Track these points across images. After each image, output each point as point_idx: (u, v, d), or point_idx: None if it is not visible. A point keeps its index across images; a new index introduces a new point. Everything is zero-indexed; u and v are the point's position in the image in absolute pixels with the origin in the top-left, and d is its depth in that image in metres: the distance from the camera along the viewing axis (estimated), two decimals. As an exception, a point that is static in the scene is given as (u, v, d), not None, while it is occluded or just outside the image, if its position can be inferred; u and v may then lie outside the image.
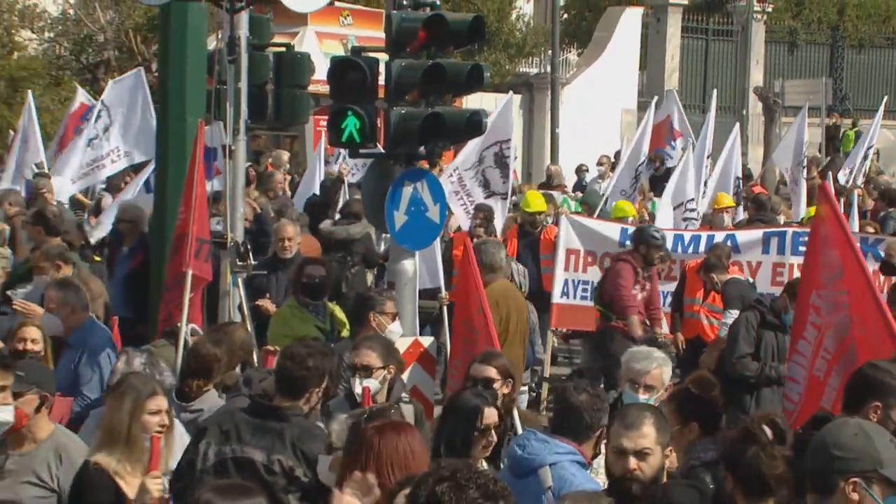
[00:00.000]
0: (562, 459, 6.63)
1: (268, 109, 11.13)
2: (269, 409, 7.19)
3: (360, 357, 8.21)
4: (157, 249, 11.84)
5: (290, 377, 7.28)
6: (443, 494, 4.61)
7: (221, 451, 7.03)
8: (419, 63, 10.90)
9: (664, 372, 8.25)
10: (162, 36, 12.23)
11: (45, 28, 37.21)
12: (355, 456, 5.69)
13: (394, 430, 5.69)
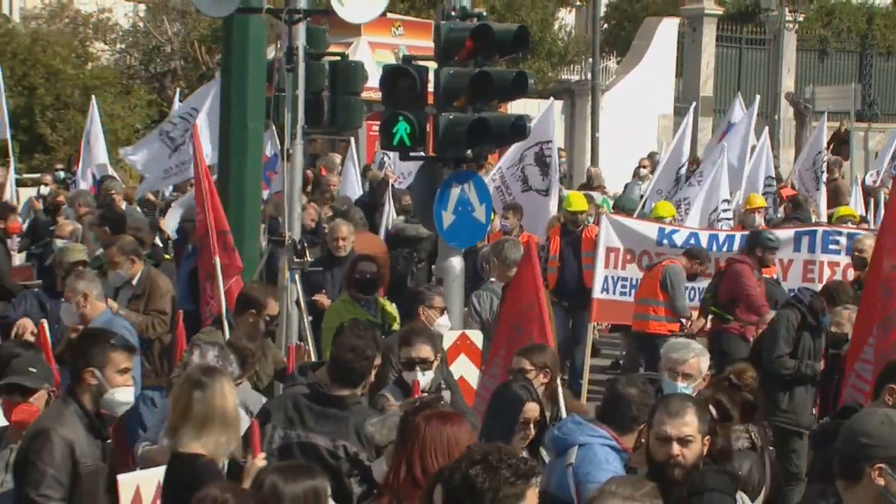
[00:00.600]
0: (593, 442, 6.64)
1: (323, 115, 11.13)
2: (329, 398, 7.20)
3: (418, 351, 8.22)
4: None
5: (349, 368, 7.29)
6: (476, 477, 4.63)
7: (287, 436, 7.05)
8: (466, 71, 10.90)
9: (701, 361, 8.22)
10: (225, 46, 12.27)
11: (116, 40, 37.44)
12: (403, 442, 5.70)
13: (441, 419, 5.70)
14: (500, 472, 4.62)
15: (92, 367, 6.48)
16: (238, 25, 11.41)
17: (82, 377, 6.48)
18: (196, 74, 34.18)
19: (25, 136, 33.46)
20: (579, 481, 6.44)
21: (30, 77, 33.85)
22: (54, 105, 33.83)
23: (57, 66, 34.05)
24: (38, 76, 33.88)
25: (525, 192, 17.42)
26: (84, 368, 6.49)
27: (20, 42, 34.68)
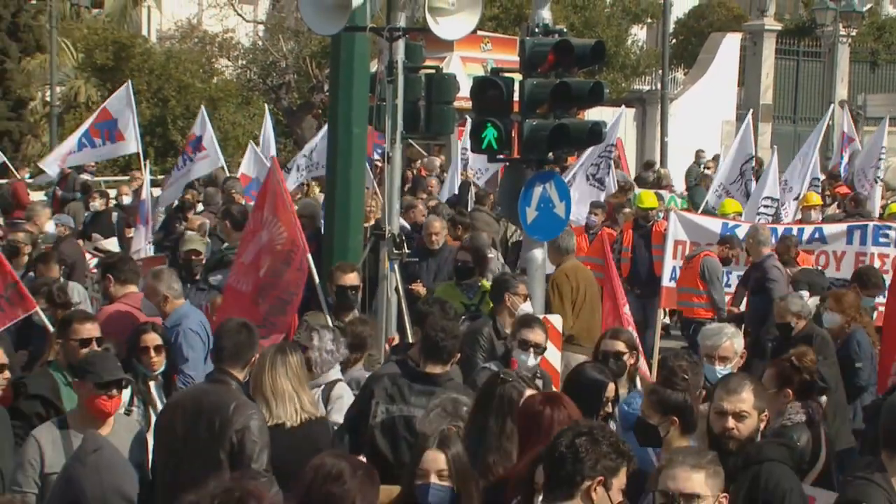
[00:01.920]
0: None
1: (420, 122, 11.12)
2: (424, 375, 7.18)
3: (536, 335, 8.20)
4: (326, 241, 11.95)
5: (439, 346, 7.26)
6: (580, 446, 4.62)
7: (389, 410, 7.03)
8: (548, 82, 10.83)
9: (735, 343, 8.14)
10: (333, 61, 12.30)
11: (238, 57, 37.83)
12: (523, 422, 5.66)
13: (554, 402, 5.68)
14: (602, 445, 4.62)
15: None
16: (345, 42, 11.44)
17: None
18: (307, 86, 34.41)
19: (160, 142, 33.95)
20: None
21: (164, 90, 34.36)
22: (184, 114, 34.27)
23: (187, 80, 34.52)
24: (171, 89, 34.37)
25: (591, 186, 17.88)
26: None
27: (156, 59, 35.21)
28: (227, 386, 6.57)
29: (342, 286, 9.82)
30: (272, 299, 9.92)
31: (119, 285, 9.54)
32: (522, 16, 32.19)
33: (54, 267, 11.55)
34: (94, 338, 7.28)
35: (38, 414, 6.98)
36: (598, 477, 4.61)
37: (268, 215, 10.09)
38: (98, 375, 6.29)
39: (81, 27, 36.38)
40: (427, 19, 10.09)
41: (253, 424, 6.37)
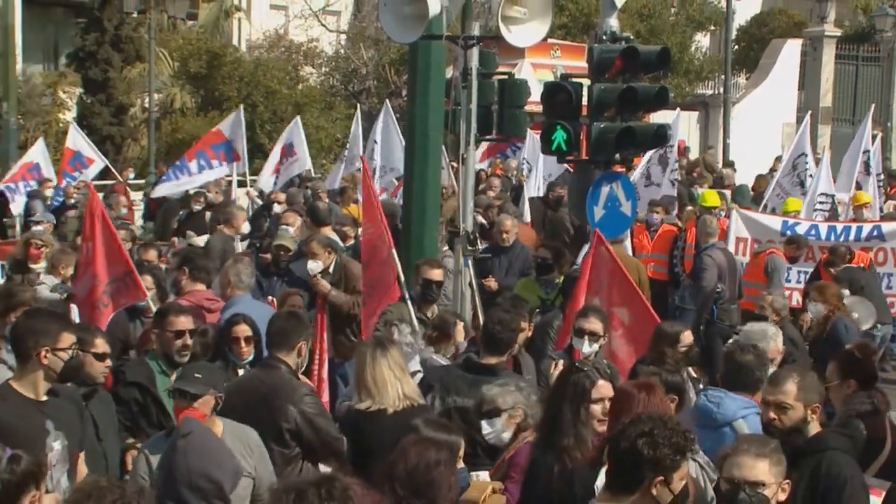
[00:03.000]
0: (749, 413, 6.59)
1: (493, 125, 11.11)
2: (480, 366, 7.17)
3: (591, 324, 8.16)
4: (404, 238, 11.95)
5: (496, 338, 7.25)
6: (641, 448, 4.58)
7: (445, 402, 7.03)
8: (616, 86, 10.76)
9: (777, 342, 8.10)
10: (411, 68, 12.30)
11: (322, 64, 38.03)
12: (617, 405, 5.63)
13: (650, 388, 5.67)
14: (662, 448, 4.56)
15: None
16: (422, 50, 11.43)
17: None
18: (386, 92, 34.47)
19: (248, 144, 34.16)
20: None
21: (252, 96, 34.60)
22: (272, 119, 34.52)
23: (274, 87, 34.75)
24: (259, 95, 34.61)
25: (647, 186, 17.70)
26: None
27: (245, 67, 35.49)
28: (278, 370, 6.72)
29: (428, 280, 9.80)
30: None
31: (190, 280, 9.59)
32: (590, 24, 32.02)
33: (152, 252, 11.72)
34: (188, 330, 7.32)
35: (135, 399, 7.05)
36: (658, 477, 4.56)
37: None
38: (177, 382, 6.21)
39: (177, 38, 36.78)
40: (500, 28, 10.06)
41: (306, 400, 6.57)
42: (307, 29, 37.02)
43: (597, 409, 5.87)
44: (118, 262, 9.17)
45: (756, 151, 28.89)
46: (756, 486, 4.90)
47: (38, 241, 11.79)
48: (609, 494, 4.67)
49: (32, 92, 32.74)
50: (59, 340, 5.85)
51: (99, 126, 33.69)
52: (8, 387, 5.85)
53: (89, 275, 9.17)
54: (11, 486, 4.30)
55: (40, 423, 5.68)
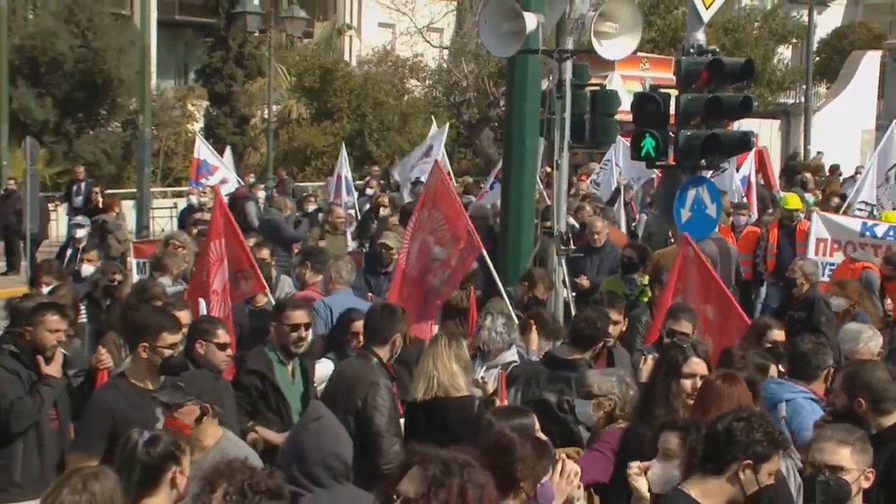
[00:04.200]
0: (796, 396, 6.46)
1: (585, 133, 11.05)
2: (561, 361, 7.11)
3: (681, 325, 8.06)
4: (501, 239, 11.94)
5: (581, 334, 7.19)
6: (735, 429, 4.51)
7: (525, 394, 6.98)
8: (702, 97, 10.63)
9: (872, 346, 7.79)
10: (508, 80, 12.29)
11: (426, 77, 38.19)
12: (702, 397, 5.56)
13: (733, 380, 5.57)
14: (756, 433, 4.51)
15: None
16: (519, 63, 11.42)
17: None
18: (485, 102, 34.50)
19: (358, 152, 34.52)
20: (793, 430, 6.19)
21: (362, 107, 34.93)
22: (379, 128, 34.81)
23: (382, 99, 35.02)
24: (368, 106, 34.92)
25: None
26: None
27: (355, 81, 35.84)
28: (368, 361, 6.68)
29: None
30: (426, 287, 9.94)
31: (313, 273, 9.76)
32: (677, 38, 31.63)
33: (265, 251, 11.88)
34: (303, 323, 7.39)
35: (255, 386, 7.14)
36: (746, 461, 4.47)
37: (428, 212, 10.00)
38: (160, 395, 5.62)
39: (294, 55, 37.25)
40: (593, 42, 9.99)
41: (373, 391, 6.42)
42: (412, 45, 37.20)
43: (687, 384, 5.82)
44: (240, 257, 9.32)
45: (835, 157, 28.25)
46: (836, 471, 4.79)
47: (177, 241, 12.04)
48: (699, 476, 4.59)
49: (165, 105, 33.44)
50: (158, 339, 5.90)
51: (223, 136, 34.28)
52: (122, 377, 5.94)
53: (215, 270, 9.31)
54: (150, 467, 4.36)
55: (150, 411, 5.74)
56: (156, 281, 9.83)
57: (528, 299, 9.73)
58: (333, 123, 35.00)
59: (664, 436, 4.96)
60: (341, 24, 41.40)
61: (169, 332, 6.00)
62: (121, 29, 32.69)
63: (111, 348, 7.49)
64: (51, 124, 30.41)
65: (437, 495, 3.31)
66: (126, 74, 31.05)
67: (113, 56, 31.30)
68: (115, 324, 8.21)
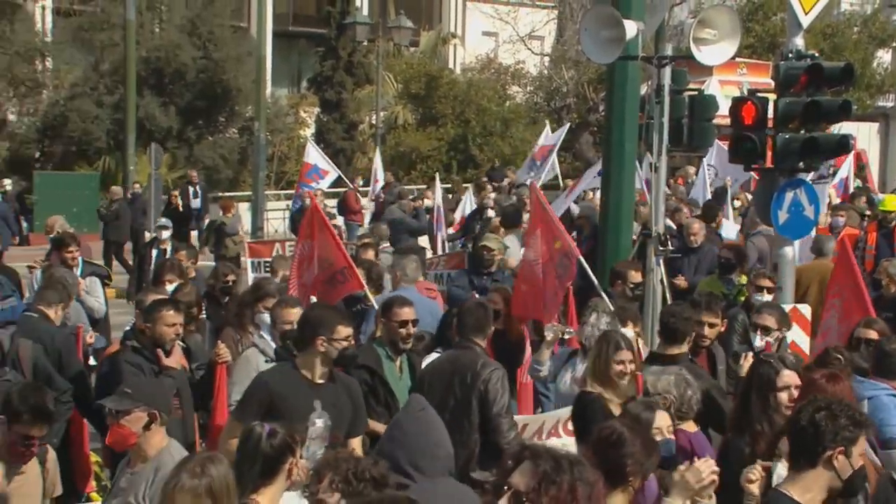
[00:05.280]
0: (879, 394, 6.37)
1: (683, 137, 10.91)
2: (660, 356, 7.03)
3: (763, 319, 7.94)
4: (601, 239, 11.84)
5: (671, 329, 7.12)
6: (820, 420, 4.42)
7: None
8: (800, 100, 10.40)
9: None
10: (608, 85, 12.18)
11: (527, 84, 38.15)
12: (804, 391, 5.50)
13: (835, 378, 5.52)
14: (840, 420, 4.42)
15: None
16: (619, 69, 11.31)
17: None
18: (585, 108, 34.28)
19: (461, 156, 34.63)
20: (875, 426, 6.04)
21: (465, 113, 35.02)
22: (482, 133, 34.84)
23: (484, 105, 35.06)
24: (471, 112, 34.99)
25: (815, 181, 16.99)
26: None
27: (459, 88, 35.94)
28: (473, 350, 6.73)
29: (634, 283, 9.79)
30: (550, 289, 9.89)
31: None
32: (776, 44, 31.02)
33: (370, 251, 12.01)
34: (411, 320, 7.44)
35: (364, 381, 7.20)
36: (839, 447, 4.38)
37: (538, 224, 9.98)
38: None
39: (401, 63, 37.53)
40: (692, 48, 9.88)
41: (494, 375, 6.51)
42: (515, 52, 37.17)
43: (783, 397, 5.71)
44: (338, 257, 9.40)
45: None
46: None
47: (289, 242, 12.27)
48: (793, 474, 4.51)
49: (279, 112, 34.00)
50: (334, 332, 6.01)
51: (333, 141, 34.72)
52: (292, 367, 6.06)
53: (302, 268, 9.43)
54: (270, 458, 4.48)
55: (309, 401, 5.86)
56: (270, 279, 10.00)
57: (630, 291, 9.66)
58: (438, 128, 35.15)
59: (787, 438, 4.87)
60: (446, 32, 41.57)
61: (343, 325, 6.12)
62: (239, 40, 33.36)
63: (229, 343, 7.65)
64: (174, 131, 31.18)
65: (548, 491, 3.28)
66: (243, 83, 31.68)
67: (231, 66, 31.97)
68: (232, 320, 8.38)
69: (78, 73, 32.02)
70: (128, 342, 7.07)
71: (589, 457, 4.20)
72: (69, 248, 10.80)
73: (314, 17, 39.61)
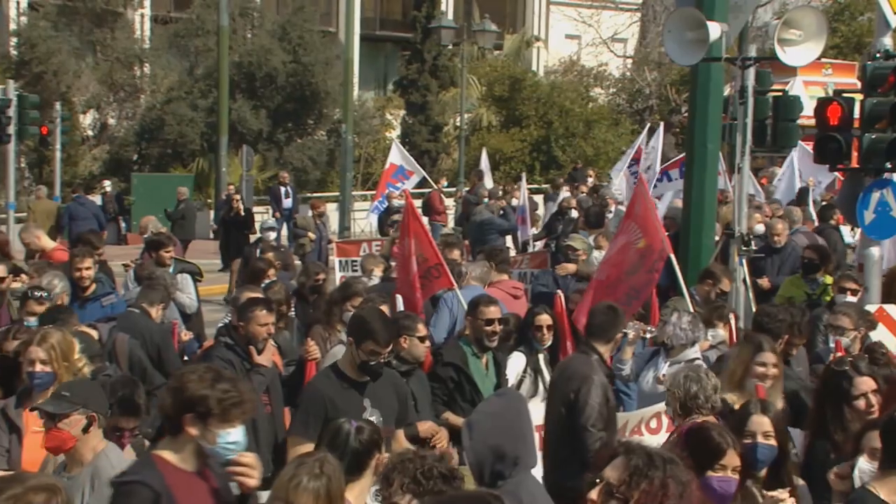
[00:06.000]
0: None
1: (767, 138, 10.73)
2: None
3: (838, 320, 7.76)
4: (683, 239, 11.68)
5: (766, 329, 6.99)
6: None
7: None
8: (888, 100, 10.15)
9: None
10: (691, 87, 12.03)
11: (609, 86, 37.92)
12: (890, 393, 5.42)
13: None
14: None
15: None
16: (702, 71, 11.17)
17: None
18: (667, 109, 33.92)
19: (544, 157, 34.52)
20: None
21: (548, 114, 34.90)
22: (564, 134, 34.68)
23: (567, 106, 34.91)
24: (554, 114, 34.86)
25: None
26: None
27: (542, 90, 35.84)
28: (588, 357, 6.55)
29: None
30: (622, 292, 9.76)
31: (496, 272, 9.86)
32: (862, 44, 30.31)
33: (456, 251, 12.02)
34: (497, 318, 7.42)
35: (451, 378, 7.21)
36: None
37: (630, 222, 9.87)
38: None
39: (485, 66, 37.54)
40: (776, 49, 9.69)
41: (584, 388, 6.28)
42: (597, 55, 36.96)
43: (861, 404, 5.55)
44: (430, 255, 9.42)
45: None
46: None
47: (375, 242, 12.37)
48: (882, 473, 4.42)
49: (365, 115, 34.26)
50: (366, 344, 5.92)
51: (418, 142, 34.87)
52: (335, 368, 6.08)
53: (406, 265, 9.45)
54: (359, 453, 4.48)
55: (358, 400, 5.87)
56: (359, 279, 10.07)
57: (715, 295, 9.49)
58: (521, 130, 35.09)
59: (869, 434, 4.77)
60: (530, 36, 41.46)
61: (375, 341, 6.00)
62: (327, 45, 33.71)
63: (318, 340, 7.71)
64: (264, 133, 31.63)
65: (638, 485, 3.25)
66: (331, 86, 32.00)
67: (320, 70, 32.31)
68: (321, 318, 8.45)
69: (174, 77, 32.67)
70: (221, 338, 7.17)
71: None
72: (167, 248, 11.02)
73: (400, 22, 39.85)
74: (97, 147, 32.93)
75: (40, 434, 5.54)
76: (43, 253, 10.96)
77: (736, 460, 4.49)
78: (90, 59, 32.31)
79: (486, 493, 3.26)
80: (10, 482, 2.91)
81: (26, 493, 2.86)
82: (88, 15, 32.46)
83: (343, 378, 5.99)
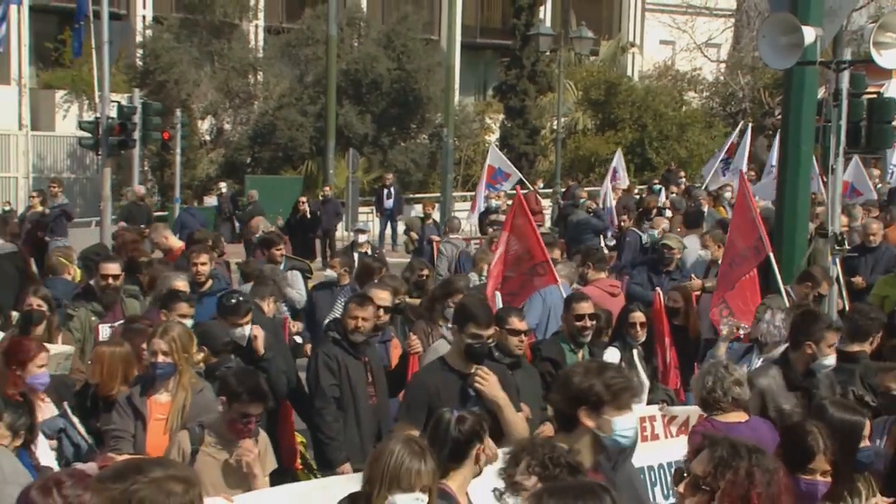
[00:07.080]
0: None
1: (861, 139, 10.46)
2: (841, 353, 6.71)
3: None
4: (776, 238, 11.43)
5: (855, 326, 6.80)
6: None
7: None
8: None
9: None
10: (785, 90, 11.78)
11: (703, 89, 37.32)
12: None
13: None
14: None
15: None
16: (796, 74, 10.92)
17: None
18: (760, 112, 33.24)
19: (638, 159, 34.12)
20: None
21: (642, 118, 34.50)
22: (658, 137, 34.24)
23: (661, 110, 34.46)
24: (648, 117, 34.45)
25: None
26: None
27: (637, 94, 35.45)
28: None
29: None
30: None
31: (594, 271, 9.80)
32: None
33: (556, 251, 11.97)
34: (588, 314, 7.37)
35: (548, 372, 7.18)
36: None
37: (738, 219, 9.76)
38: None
39: (581, 71, 37.28)
40: (871, 52, 9.43)
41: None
42: (691, 60, 36.39)
43: None
44: (537, 252, 9.35)
45: None
46: None
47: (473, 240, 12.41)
48: None
49: (466, 119, 34.33)
50: (469, 327, 5.88)
51: (516, 146, 34.80)
52: (442, 360, 6.11)
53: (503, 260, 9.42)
54: (459, 443, 4.44)
55: (464, 390, 5.86)
56: (460, 275, 10.11)
57: (813, 297, 9.27)
58: (616, 133, 34.76)
59: None
60: (625, 42, 41.03)
61: (477, 324, 5.98)
62: (430, 52, 33.89)
63: (420, 335, 7.77)
64: (369, 137, 31.95)
65: (724, 475, 3.21)
66: (433, 92, 32.17)
67: (422, 76, 32.51)
68: (423, 313, 8.51)
69: (285, 85, 33.23)
70: (329, 333, 7.28)
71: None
72: (278, 246, 11.23)
73: (500, 30, 39.80)
74: (214, 151, 33.70)
75: (162, 421, 5.76)
76: (170, 252, 11.21)
77: (825, 465, 4.27)
78: (208, 69, 33.06)
79: (595, 483, 3.24)
80: (154, 465, 2.93)
81: (167, 480, 2.86)
82: (207, 27, 33.23)
83: (449, 369, 5.99)
